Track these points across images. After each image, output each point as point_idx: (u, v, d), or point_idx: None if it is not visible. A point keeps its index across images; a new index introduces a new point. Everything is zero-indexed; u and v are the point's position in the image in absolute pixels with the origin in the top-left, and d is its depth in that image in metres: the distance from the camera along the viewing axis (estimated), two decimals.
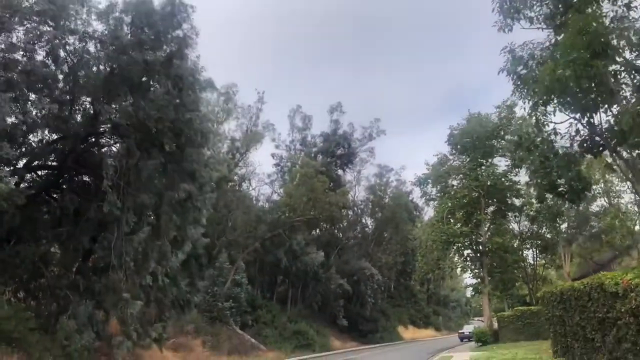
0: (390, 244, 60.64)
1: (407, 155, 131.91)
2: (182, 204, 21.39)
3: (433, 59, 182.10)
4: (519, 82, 14.97)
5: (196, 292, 24.66)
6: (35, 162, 21.43)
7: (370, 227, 62.21)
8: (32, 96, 19.55)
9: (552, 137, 15.22)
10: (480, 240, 31.11)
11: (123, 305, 19.12)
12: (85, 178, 23.18)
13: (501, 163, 33.04)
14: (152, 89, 20.11)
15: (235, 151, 45.57)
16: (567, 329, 10.34)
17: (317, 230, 53.71)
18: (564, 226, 33.26)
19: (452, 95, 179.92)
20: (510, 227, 37.53)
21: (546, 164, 14.88)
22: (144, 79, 20.05)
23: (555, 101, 14.10)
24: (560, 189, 15.07)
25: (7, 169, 18.26)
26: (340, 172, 57.36)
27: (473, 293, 43.86)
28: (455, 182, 32.69)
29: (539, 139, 15.32)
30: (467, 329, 47.35)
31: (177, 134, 19.50)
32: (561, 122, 15.19)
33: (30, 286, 21.19)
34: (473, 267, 33.44)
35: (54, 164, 22.28)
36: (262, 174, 76.49)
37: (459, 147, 31.77)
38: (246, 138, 45.59)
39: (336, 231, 56.73)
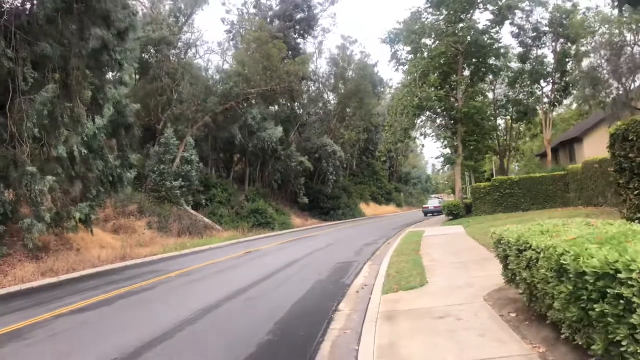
0: (353, 119, 57.39)
1: (374, 29, 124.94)
2: (97, 57, 17.01)
3: None
4: None
5: (128, 167, 20.99)
6: None
7: (332, 102, 58.37)
8: None
9: None
10: (456, 106, 27.91)
11: (29, 182, 15.44)
12: None
13: (481, 21, 29.15)
14: None
15: (178, 13, 39.53)
16: None
17: (276, 107, 49.69)
18: (547, 89, 30.38)
19: None
20: (486, 93, 34.54)
21: None
22: None
23: None
24: None
25: None
26: (300, 40, 52.08)
27: (443, 165, 41.79)
28: (429, 42, 28.64)
29: None
30: (432, 203, 46.23)
31: None
32: None
33: None
34: (446, 135, 30.71)
35: None
36: (211, 41, 70.07)
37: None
38: None
39: (296, 107, 52.71)
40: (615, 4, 9.10)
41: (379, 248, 17.47)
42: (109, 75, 20.20)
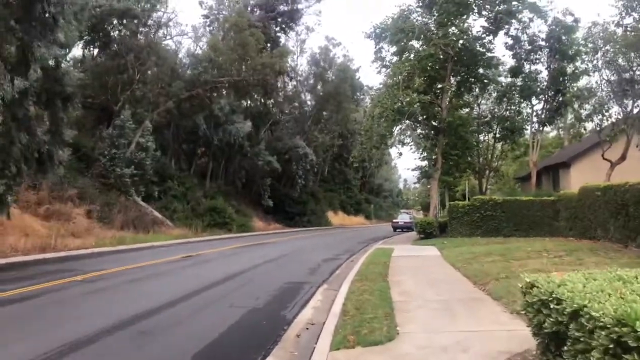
0: (329, 123, 55.13)
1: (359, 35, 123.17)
2: (25, 6, 14.11)
3: None
4: None
5: (62, 144, 17.99)
6: None
7: (309, 103, 55.94)
8: None
9: None
10: (439, 116, 25.74)
11: None
12: None
13: (474, 27, 27.15)
14: None
15: None
16: None
17: (248, 101, 46.95)
18: (538, 107, 28.41)
19: None
20: (472, 106, 32.55)
21: None
22: None
23: None
24: None
25: None
26: (280, 35, 49.61)
27: (419, 178, 39.36)
28: (417, 44, 26.38)
29: None
30: (403, 218, 44.08)
31: None
32: None
33: None
34: (425, 145, 28.58)
35: None
36: (185, 24, 67.49)
37: None
38: None
39: (270, 104, 50.07)
40: None
41: (340, 266, 14.94)
42: (51, 37, 17.17)
